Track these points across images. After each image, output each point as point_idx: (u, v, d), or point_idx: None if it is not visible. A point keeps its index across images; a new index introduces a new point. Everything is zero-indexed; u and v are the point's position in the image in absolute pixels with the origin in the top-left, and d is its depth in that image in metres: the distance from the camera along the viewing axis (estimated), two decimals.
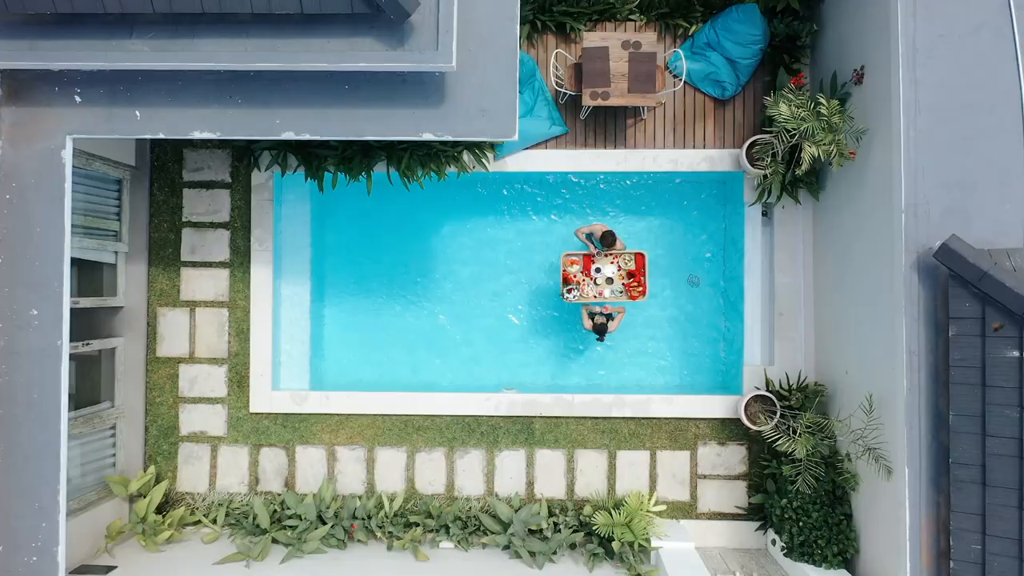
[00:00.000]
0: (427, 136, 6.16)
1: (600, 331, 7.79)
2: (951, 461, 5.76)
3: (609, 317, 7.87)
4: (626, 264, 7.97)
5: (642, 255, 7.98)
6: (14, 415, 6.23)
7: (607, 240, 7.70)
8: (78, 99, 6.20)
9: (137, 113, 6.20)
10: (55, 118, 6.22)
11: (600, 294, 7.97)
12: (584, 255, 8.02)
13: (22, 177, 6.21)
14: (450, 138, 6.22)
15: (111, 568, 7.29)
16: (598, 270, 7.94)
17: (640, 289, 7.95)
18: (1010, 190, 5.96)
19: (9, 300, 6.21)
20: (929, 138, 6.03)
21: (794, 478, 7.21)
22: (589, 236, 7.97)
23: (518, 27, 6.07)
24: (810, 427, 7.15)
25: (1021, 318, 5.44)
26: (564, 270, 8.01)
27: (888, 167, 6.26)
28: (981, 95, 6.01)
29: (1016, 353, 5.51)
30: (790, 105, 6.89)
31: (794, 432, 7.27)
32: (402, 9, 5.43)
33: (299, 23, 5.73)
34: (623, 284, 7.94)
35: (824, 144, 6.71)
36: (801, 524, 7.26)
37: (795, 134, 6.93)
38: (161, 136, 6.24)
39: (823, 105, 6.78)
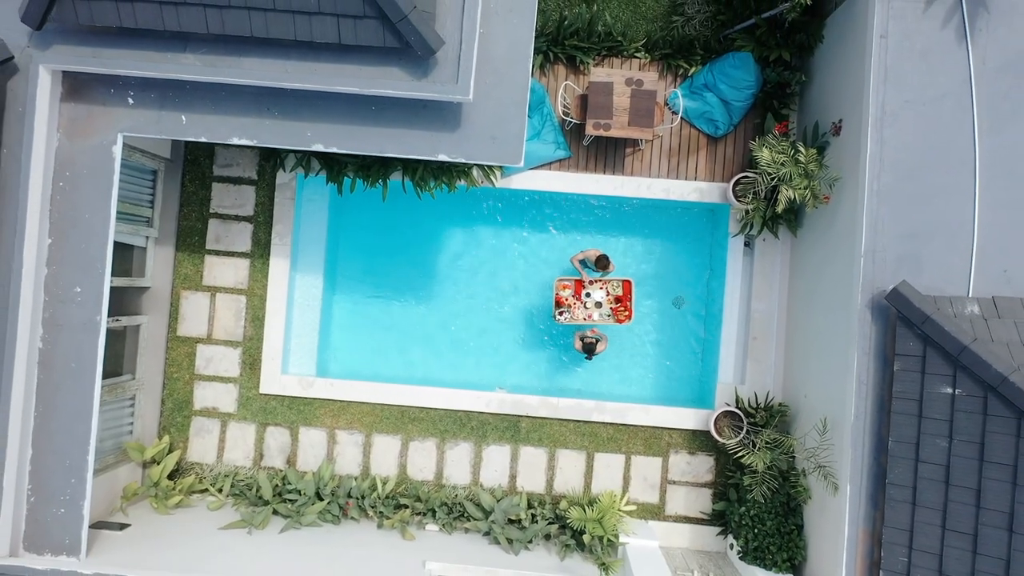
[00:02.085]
0: (442, 157, 6.85)
1: (589, 350, 8.48)
2: (887, 482, 6.47)
3: (597, 340, 8.55)
4: (614, 290, 8.67)
5: (629, 282, 8.69)
6: (53, 381, 6.93)
7: (601, 263, 8.38)
8: (131, 101, 6.88)
9: (183, 118, 6.88)
10: (109, 116, 6.90)
11: (589, 317, 8.67)
12: (576, 280, 8.72)
13: (75, 168, 6.90)
14: (463, 160, 6.90)
15: (125, 525, 7.97)
16: (588, 295, 8.64)
17: (626, 313, 8.66)
18: (959, 244, 6.67)
19: (56, 277, 6.90)
20: (891, 192, 6.73)
21: (751, 488, 7.91)
22: (583, 262, 8.66)
23: (530, 65, 6.76)
24: (769, 443, 7.85)
25: (955, 359, 6.14)
26: (557, 294, 8.71)
27: (853, 214, 6.96)
28: (940, 157, 6.71)
29: (949, 390, 6.22)
30: (772, 151, 7.58)
31: (755, 446, 7.97)
32: (428, 47, 6.12)
33: (336, 50, 6.43)
34: (611, 308, 8.65)
35: (799, 188, 7.41)
36: (756, 531, 7.95)
37: (775, 177, 7.63)
38: (203, 140, 6.92)
39: (801, 153, 7.48)
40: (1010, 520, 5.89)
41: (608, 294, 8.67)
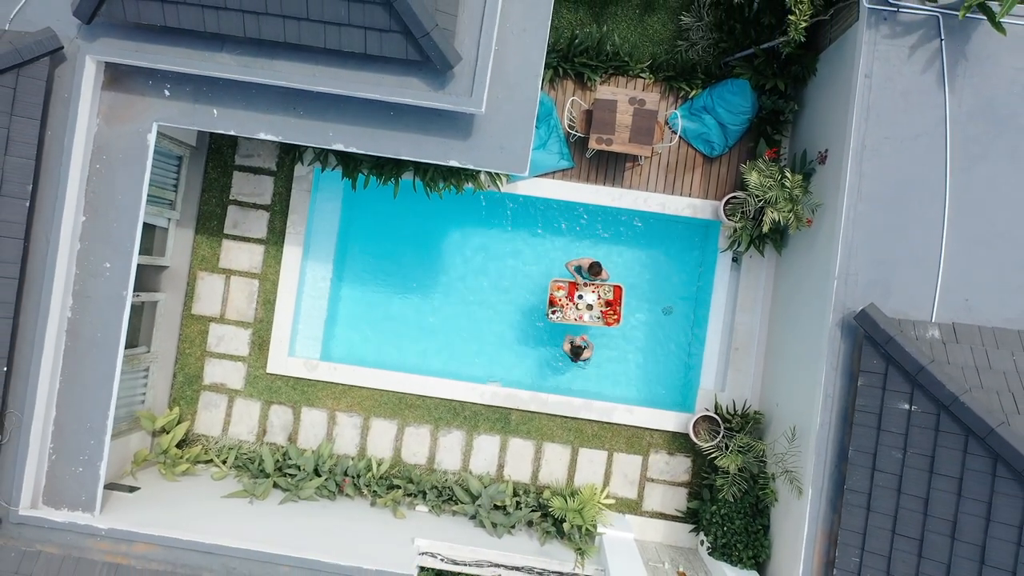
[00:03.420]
0: (453, 163, 7.38)
1: (575, 354, 9.00)
2: (846, 487, 7.00)
3: (585, 347, 9.07)
4: (605, 294, 9.20)
5: (619, 288, 9.21)
6: (79, 348, 7.45)
7: (594, 270, 8.89)
8: (167, 93, 7.40)
9: (215, 111, 7.41)
10: (146, 106, 7.43)
11: (580, 318, 9.20)
12: (570, 283, 9.25)
13: (112, 152, 7.42)
14: (472, 167, 7.44)
15: (135, 488, 8.49)
16: (580, 297, 9.17)
17: (615, 317, 9.18)
18: (926, 273, 7.20)
19: (87, 252, 7.43)
20: (866, 220, 7.26)
21: (722, 488, 8.44)
22: (578, 269, 9.16)
23: (540, 83, 7.29)
24: (741, 447, 8.38)
25: (913, 378, 6.67)
26: (551, 294, 9.23)
27: (831, 239, 7.48)
28: (913, 191, 7.24)
29: (906, 406, 6.75)
30: (760, 175, 8.11)
31: (728, 449, 8.51)
32: (447, 62, 6.65)
33: (361, 59, 6.95)
34: (601, 311, 9.17)
35: (784, 211, 7.93)
36: (725, 529, 8.48)
37: (762, 199, 8.15)
38: (232, 133, 7.45)
39: (788, 179, 8.00)
40: (953, 528, 6.43)
41: (599, 298, 9.20)
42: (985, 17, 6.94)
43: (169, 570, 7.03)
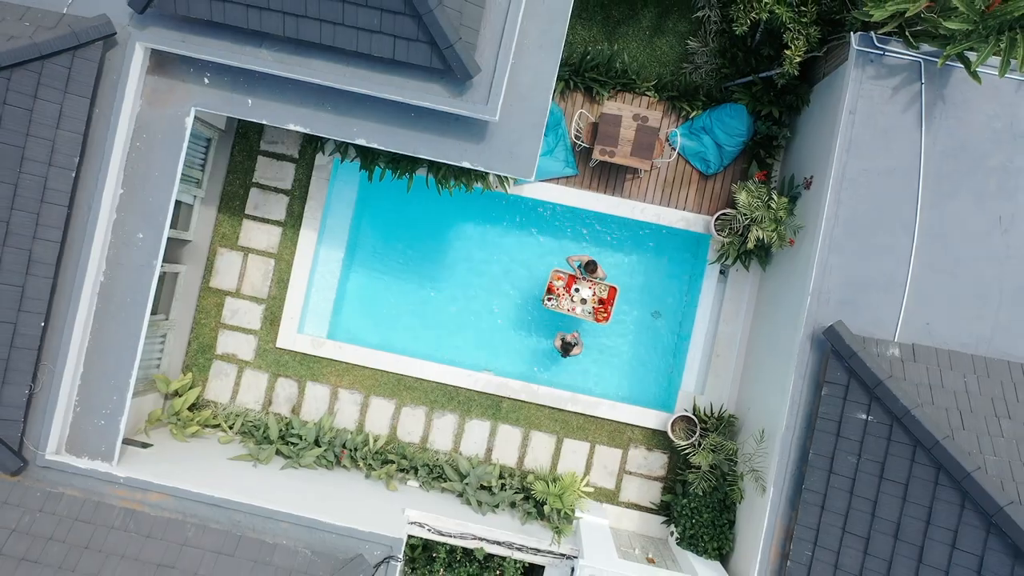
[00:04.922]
0: (465, 164, 8.00)
1: (566, 350, 9.62)
2: (804, 487, 7.63)
3: (575, 344, 9.68)
4: (600, 292, 9.81)
5: (615, 288, 9.82)
6: (109, 310, 8.05)
7: (589, 267, 9.51)
8: (207, 81, 8.00)
9: (250, 101, 8.01)
10: (186, 92, 8.03)
11: (573, 309, 9.81)
12: (570, 275, 9.86)
13: (151, 132, 8.02)
14: (483, 169, 8.04)
15: (148, 445, 9.09)
16: (577, 290, 9.78)
17: (605, 315, 9.78)
18: (891, 296, 7.83)
19: (123, 223, 8.03)
20: (841, 244, 7.89)
21: (693, 482, 9.08)
22: (579, 266, 9.78)
23: (551, 95, 7.90)
24: (713, 446, 9.02)
25: (871, 390, 7.31)
26: (550, 282, 9.84)
27: (809, 259, 8.10)
28: (886, 221, 7.86)
29: (863, 416, 7.39)
30: (749, 195, 8.73)
31: (700, 447, 9.14)
32: (467, 72, 7.26)
33: (389, 63, 7.55)
34: (593, 307, 9.78)
35: (768, 230, 8.56)
36: (694, 521, 9.12)
37: (749, 218, 8.78)
38: (264, 122, 8.05)
39: (774, 201, 8.63)
40: (896, 529, 7.07)
41: (594, 294, 9.81)
42: (963, 66, 7.56)
43: (180, 519, 7.64)
